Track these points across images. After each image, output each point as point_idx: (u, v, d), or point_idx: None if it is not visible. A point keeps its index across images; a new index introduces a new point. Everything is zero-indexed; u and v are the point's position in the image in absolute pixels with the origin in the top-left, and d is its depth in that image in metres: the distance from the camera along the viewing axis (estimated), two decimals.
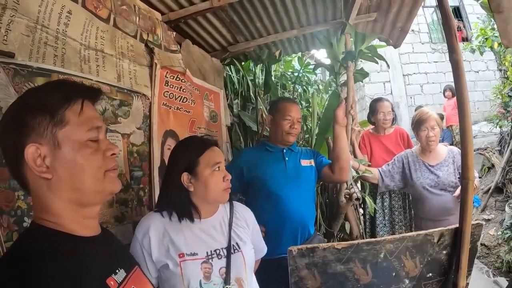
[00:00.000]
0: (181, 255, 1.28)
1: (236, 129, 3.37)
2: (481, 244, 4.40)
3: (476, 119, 9.19)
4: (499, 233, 4.43)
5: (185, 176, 1.39)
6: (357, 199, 2.22)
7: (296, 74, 4.41)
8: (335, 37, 3.06)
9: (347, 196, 2.29)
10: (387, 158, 2.98)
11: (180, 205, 1.39)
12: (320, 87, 4.95)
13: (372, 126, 3.38)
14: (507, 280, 3.70)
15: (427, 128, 2.50)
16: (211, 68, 3.05)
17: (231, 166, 2.19)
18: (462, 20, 10.31)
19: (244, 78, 3.68)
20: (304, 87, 4.60)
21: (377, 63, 2.68)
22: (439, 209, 2.44)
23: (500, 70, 5.61)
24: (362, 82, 2.96)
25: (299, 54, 4.19)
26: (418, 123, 2.56)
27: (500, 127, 5.48)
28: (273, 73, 4.09)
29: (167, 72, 2.28)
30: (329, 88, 4.50)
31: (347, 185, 2.33)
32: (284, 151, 2.16)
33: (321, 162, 2.19)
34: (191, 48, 2.82)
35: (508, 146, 5.16)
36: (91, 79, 1.62)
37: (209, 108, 2.75)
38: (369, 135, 3.28)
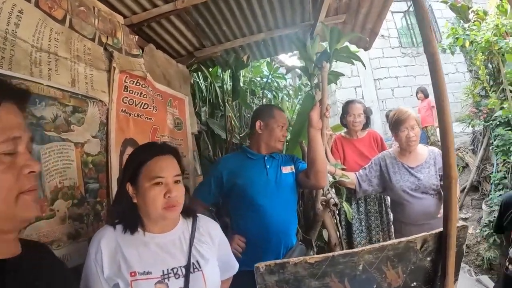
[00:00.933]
0: (132, 274, 1.14)
1: (204, 137, 3.21)
2: None
3: None
4: (478, 231, 4.43)
5: (129, 186, 1.27)
6: (335, 205, 2.10)
7: (265, 79, 4.29)
8: (308, 38, 2.98)
9: (324, 203, 2.16)
10: (361, 162, 2.89)
11: (127, 216, 1.26)
12: (290, 92, 4.85)
13: (345, 130, 3.29)
14: (489, 277, 3.68)
15: (407, 128, 2.37)
16: (176, 74, 2.91)
17: (211, 173, 2.11)
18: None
19: (212, 84, 3.54)
20: (274, 92, 4.48)
21: (353, 63, 2.60)
22: (420, 213, 2.33)
23: (470, 71, 5.73)
24: (336, 84, 2.82)
25: (268, 59, 4.08)
26: (396, 123, 2.43)
27: (473, 126, 5.55)
28: (241, 79, 3.97)
29: (126, 77, 2.13)
30: (299, 93, 4.41)
31: (323, 191, 2.21)
32: (266, 158, 2.07)
33: (298, 167, 2.09)
34: (155, 53, 2.68)
35: (481, 145, 5.21)
36: (42, 83, 1.50)
37: (173, 115, 2.59)
38: (341, 139, 3.18)
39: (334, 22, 3.08)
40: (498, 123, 4.48)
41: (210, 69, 3.42)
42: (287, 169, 2.06)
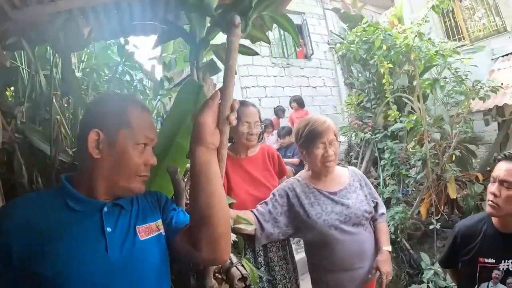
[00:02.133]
0: None
1: (17, 153, 1.85)
2: None
3: None
4: None
5: None
6: (242, 279, 1.17)
7: (114, 70, 2.99)
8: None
9: (220, 276, 1.21)
10: (254, 191, 2.03)
11: None
12: (147, 90, 3.52)
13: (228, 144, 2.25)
14: None
15: (324, 144, 1.77)
16: None
17: None
18: (304, 38, 10.96)
19: (37, 73, 2.16)
20: (126, 88, 3.11)
21: (268, 41, 1.49)
22: (355, 254, 1.77)
23: (348, 84, 5.82)
24: (236, 73, 1.70)
25: (122, 39, 2.80)
26: (310, 137, 1.78)
27: (349, 139, 5.57)
28: (80, 66, 2.69)
29: None
30: (160, 92, 3.22)
31: None
32: (105, 210, 0.95)
33: (170, 221, 1.03)
34: None
35: (364, 157, 5.19)
36: None
37: None
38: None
39: None
40: (382, 135, 4.46)
41: (37, 49, 2.09)
42: (151, 230, 0.98)
